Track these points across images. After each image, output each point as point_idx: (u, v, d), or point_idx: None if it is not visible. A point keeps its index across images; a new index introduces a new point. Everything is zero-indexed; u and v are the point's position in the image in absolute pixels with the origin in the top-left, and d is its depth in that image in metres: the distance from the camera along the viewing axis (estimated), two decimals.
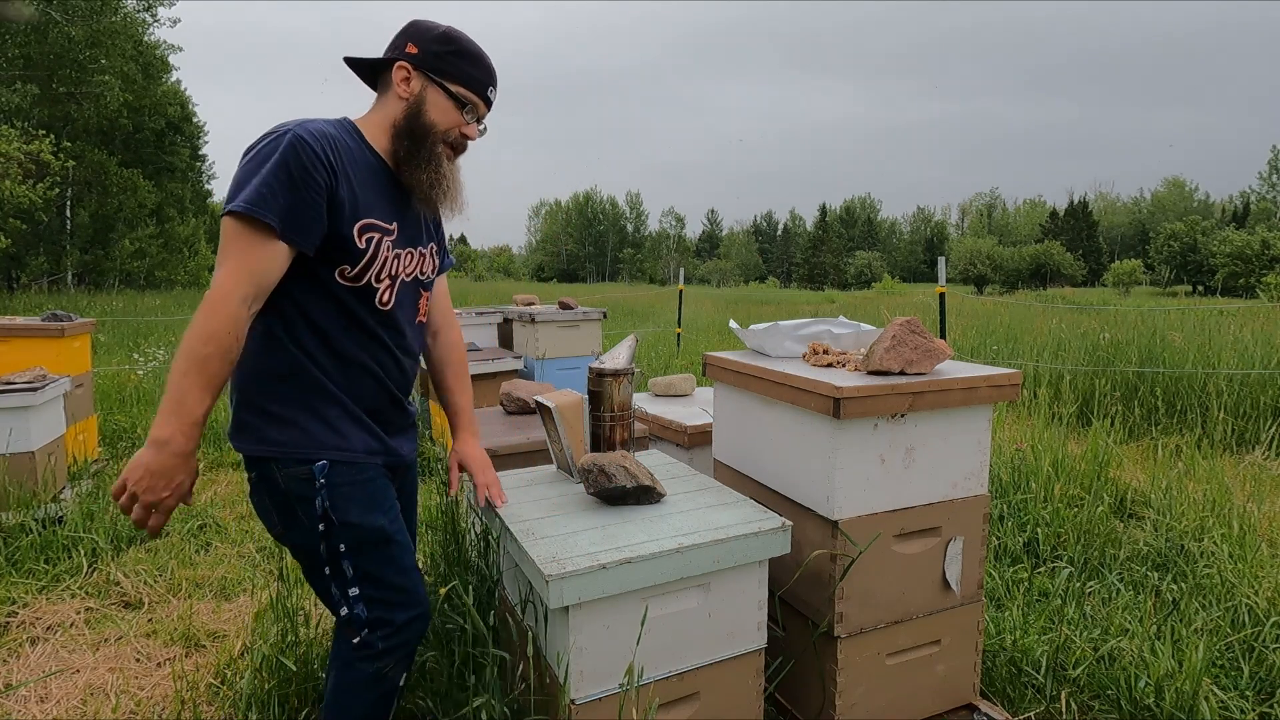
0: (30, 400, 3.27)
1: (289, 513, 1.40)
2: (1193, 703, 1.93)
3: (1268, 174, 64.77)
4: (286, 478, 1.38)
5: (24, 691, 2.20)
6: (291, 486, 1.38)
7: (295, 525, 1.41)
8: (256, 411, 1.39)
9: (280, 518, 1.42)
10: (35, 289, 22.58)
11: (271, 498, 1.41)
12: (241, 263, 1.26)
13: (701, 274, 77.33)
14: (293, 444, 1.38)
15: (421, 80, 1.45)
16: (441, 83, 1.46)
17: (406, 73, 1.45)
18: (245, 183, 1.27)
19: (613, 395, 1.85)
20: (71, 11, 18.32)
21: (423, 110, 1.45)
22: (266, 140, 1.31)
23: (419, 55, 1.45)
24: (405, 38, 1.47)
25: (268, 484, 1.40)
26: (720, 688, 1.53)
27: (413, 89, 1.45)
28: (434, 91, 1.46)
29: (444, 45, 1.46)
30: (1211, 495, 3.34)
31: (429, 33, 1.46)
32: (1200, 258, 51.92)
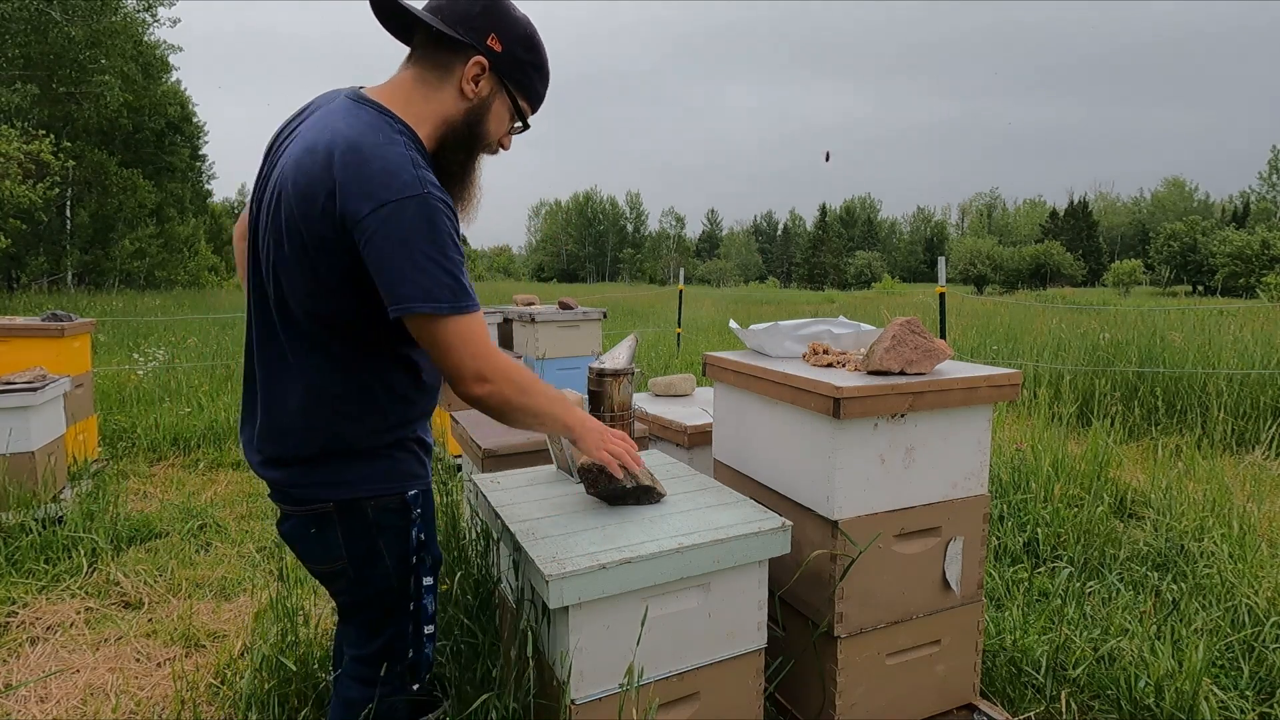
0: (30, 400, 3.27)
1: (368, 546, 1.31)
2: (1193, 703, 1.93)
3: (1268, 174, 64.79)
4: (378, 509, 1.30)
5: (24, 691, 2.20)
6: (382, 518, 1.31)
7: (373, 559, 1.32)
8: (347, 449, 1.28)
9: (356, 551, 1.31)
10: (35, 289, 22.58)
11: (348, 531, 1.30)
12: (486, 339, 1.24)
13: (701, 274, 77.33)
14: (384, 476, 1.31)
15: (492, 84, 1.28)
16: (512, 93, 1.31)
17: (481, 70, 1.25)
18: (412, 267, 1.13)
19: (613, 395, 1.85)
20: (71, 11, 18.32)
21: (485, 118, 1.30)
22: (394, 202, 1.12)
23: (501, 56, 1.26)
24: (489, 23, 1.24)
25: (349, 517, 1.29)
26: (720, 688, 1.53)
27: (481, 91, 1.27)
28: (500, 100, 1.30)
29: (528, 53, 1.29)
30: (1211, 495, 3.34)
31: (515, 29, 1.27)
32: (1200, 258, 51.93)
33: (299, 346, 1.24)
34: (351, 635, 1.41)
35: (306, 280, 1.19)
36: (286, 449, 1.28)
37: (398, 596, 1.37)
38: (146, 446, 4.91)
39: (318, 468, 1.28)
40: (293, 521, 1.33)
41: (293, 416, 1.26)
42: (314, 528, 1.30)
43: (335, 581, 1.36)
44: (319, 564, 1.35)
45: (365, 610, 1.38)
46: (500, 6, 1.27)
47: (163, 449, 4.91)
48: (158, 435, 5.01)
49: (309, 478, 1.29)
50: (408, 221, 1.12)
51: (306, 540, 1.32)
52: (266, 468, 1.31)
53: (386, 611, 1.37)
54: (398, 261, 1.13)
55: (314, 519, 1.30)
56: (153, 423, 5.15)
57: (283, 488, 1.30)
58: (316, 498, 1.28)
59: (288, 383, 1.26)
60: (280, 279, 1.22)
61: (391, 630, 1.38)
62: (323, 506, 1.29)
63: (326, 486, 1.28)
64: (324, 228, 1.15)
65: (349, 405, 1.27)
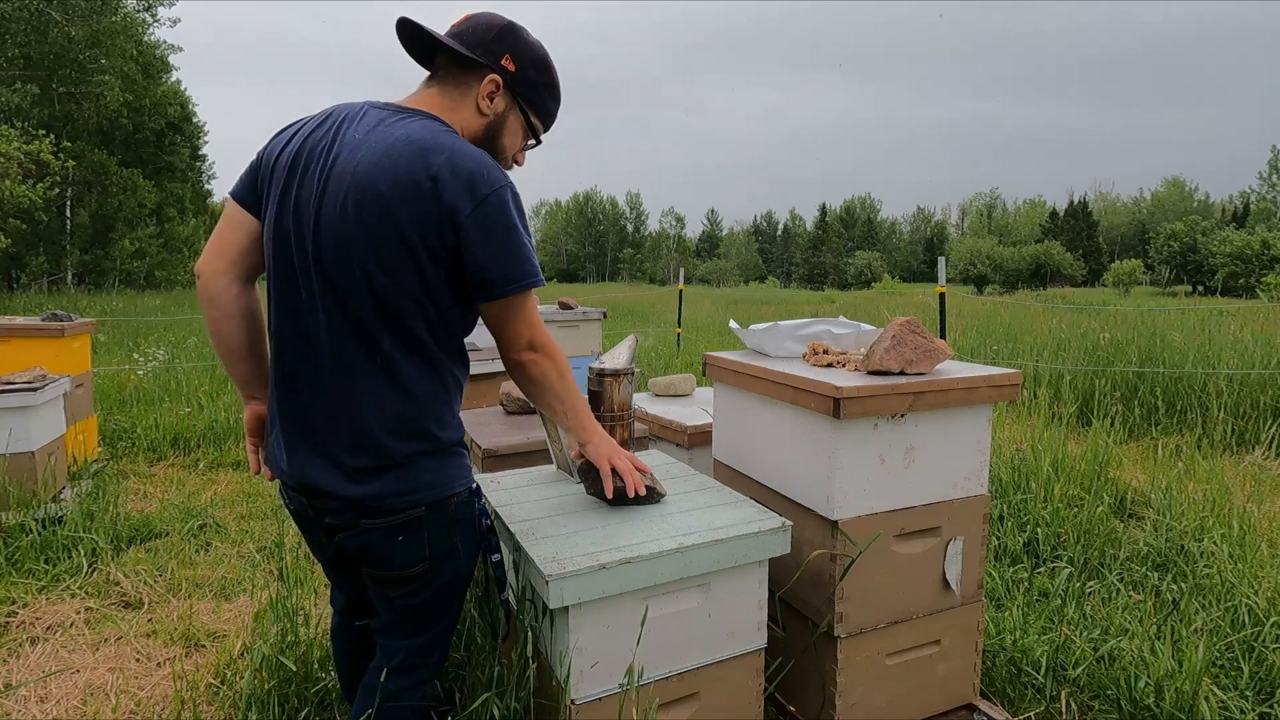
0: (30, 400, 3.27)
1: (448, 542, 1.35)
2: (1193, 703, 1.93)
3: (1268, 174, 64.76)
4: (458, 503, 1.35)
5: (24, 691, 2.20)
6: (460, 511, 1.36)
7: (451, 554, 1.37)
8: (431, 448, 1.31)
9: (439, 549, 1.35)
10: (35, 289, 22.58)
11: (435, 529, 1.33)
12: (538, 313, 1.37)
13: (701, 274, 77.32)
14: (461, 471, 1.37)
15: (507, 101, 1.38)
16: (525, 111, 1.41)
17: (496, 88, 1.36)
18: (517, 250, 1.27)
19: (613, 395, 1.85)
20: (71, 11, 18.32)
21: (501, 134, 1.40)
22: (493, 193, 1.24)
23: (515, 75, 1.37)
24: (504, 46, 1.36)
25: (437, 515, 1.32)
26: (720, 688, 1.53)
27: (496, 107, 1.37)
28: (515, 116, 1.40)
29: (541, 74, 1.40)
30: (1211, 495, 3.34)
31: (528, 52, 1.38)
32: (1200, 258, 51.91)
33: (398, 352, 1.27)
34: (409, 630, 1.41)
35: (414, 280, 1.24)
36: (384, 456, 1.27)
37: (461, 585, 1.43)
38: (146, 446, 4.91)
39: (412, 471, 1.29)
40: (376, 533, 1.30)
41: (383, 423, 1.27)
42: (402, 535, 1.30)
43: (407, 585, 1.35)
44: (400, 569, 1.33)
45: (427, 608, 1.39)
46: (515, 33, 1.38)
47: (163, 449, 4.90)
48: (158, 435, 5.01)
49: (406, 483, 1.29)
50: (508, 209, 1.25)
51: (391, 548, 1.31)
52: (358, 482, 1.28)
53: (445, 604, 1.42)
54: (507, 246, 1.25)
55: (404, 525, 1.30)
56: (153, 423, 5.15)
57: (370, 502, 1.28)
58: (411, 504, 1.29)
59: (381, 390, 1.27)
60: (381, 289, 1.23)
61: (449, 615, 1.44)
62: (415, 511, 1.30)
63: (419, 491, 1.30)
64: (431, 231, 1.21)
65: (437, 404, 1.32)
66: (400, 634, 1.42)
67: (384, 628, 1.44)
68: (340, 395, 1.27)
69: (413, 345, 1.28)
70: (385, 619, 1.42)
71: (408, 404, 1.28)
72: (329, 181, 1.25)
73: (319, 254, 1.25)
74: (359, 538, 1.31)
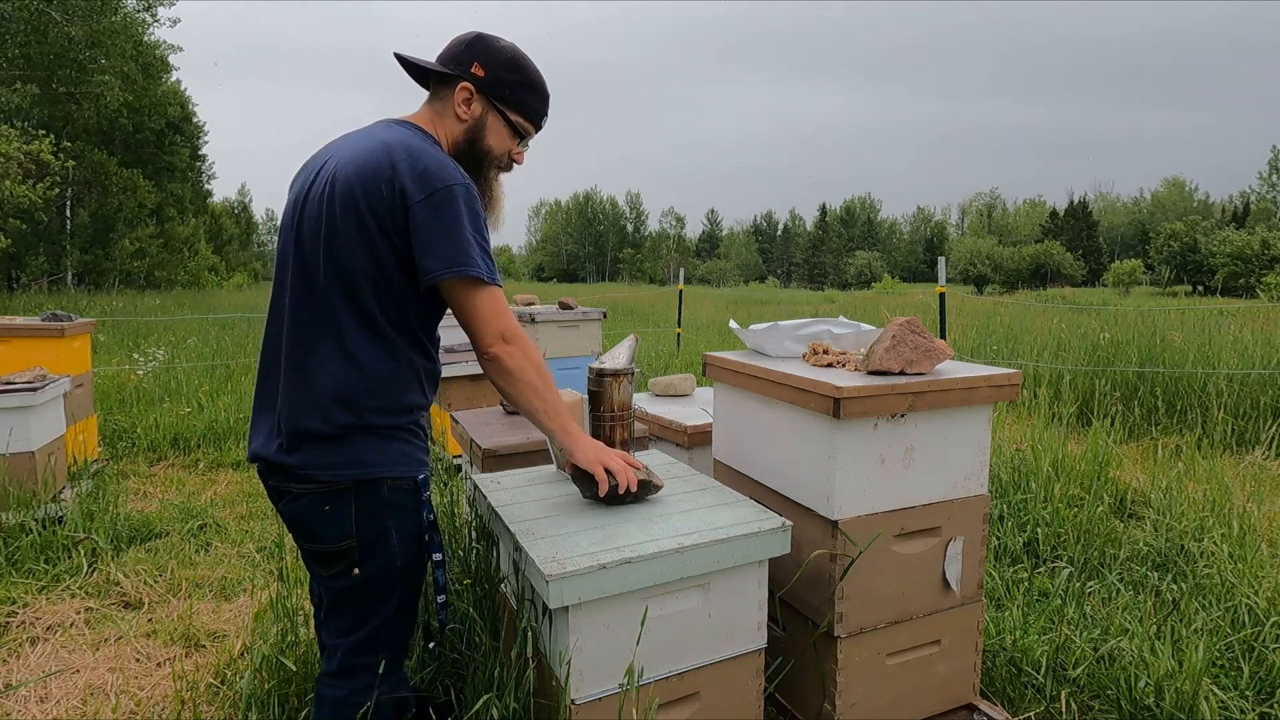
0: (30, 400, 3.27)
1: (379, 526, 1.36)
2: (1193, 703, 1.93)
3: (1268, 174, 64.76)
4: (394, 488, 1.37)
5: (24, 691, 2.20)
6: (396, 498, 1.37)
7: (381, 539, 1.37)
8: (371, 426, 1.35)
9: (366, 530, 1.36)
10: (35, 289, 22.59)
11: (363, 509, 1.35)
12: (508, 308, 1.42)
13: (701, 274, 77.30)
14: (400, 458, 1.38)
15: (483, 105, 1.46)
16: (503, 110, 1.47)
17: (469, 94, 1.44)
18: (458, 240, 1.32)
19: (613, 395, 1.85)
20: (71, 11, 18.30)
21: (482, 135, 1.47)
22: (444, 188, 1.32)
23: (485, 79, 1.44)
24: (471, 55, 1.44)
25: (366, 495, 1.35)
26: (720, 688, 1.53)
27: (473, 112, 1.45)
28: (494, 118, 1.47)
29: (511, 73, 1.46)
30: (1211, 495, 3.34)
31: (497, 56, 1.45)
32: (1200, 258, 51.88)
33: (350, 322, 1.34)
34: (344, 625, 1.42)
35: (366, 254, 1.32)
36: (313, 423, 1.33)
37: (398, 576, 1.41)
38: (146, 446, 4.91)
39: (340, 445, 1.33)
40: (305, 500, 1.35)
41: (326, 390, 1.33)
42: (328, 505, 1.34)
43: (335, 564, 1.38)
44: (326, 543, 1.37)
45: (363, 591, 1.40)
46: (483, 41, 1.46)
47: (163, 449, 4.90)
48: (158, 435, 5.01)
49: (329, 456, 1.33)
50: (457, 204, 1.32)
51: (317, 518, 1.35)
52: (286, 450, 1.34)
53: (385, 590, 1.41)
54: (450, 234, 1.31)
55: (330, 495, 1.34)
56: (153, 423, 5.15)
57: (298, 470, 1.33)
58: (338, 476, 1.33)
59: (329, 358, 1.33)
60: (337, 259, 1.33)
61: (390, 609, 1.42)
62: (340, 484, 1.34)
63: (348, 466, 1.34)
64: (383, 210, 1.31)
65: (386, 384, 1.36)
66: (337, 628, 1.43)
67: (324, 620, 1.48)
68: (297, 367, 1.35)
69: (365, 318, 1.34)
70: (325, 606, 1.45)
71: (354, 375, 1.34)
72: (317, 180, 1.39)
73: (299, 237, 1.37)
74: (291, 504, 1.37)
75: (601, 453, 1.56)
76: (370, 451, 1.35)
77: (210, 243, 32.78)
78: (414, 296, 1.38)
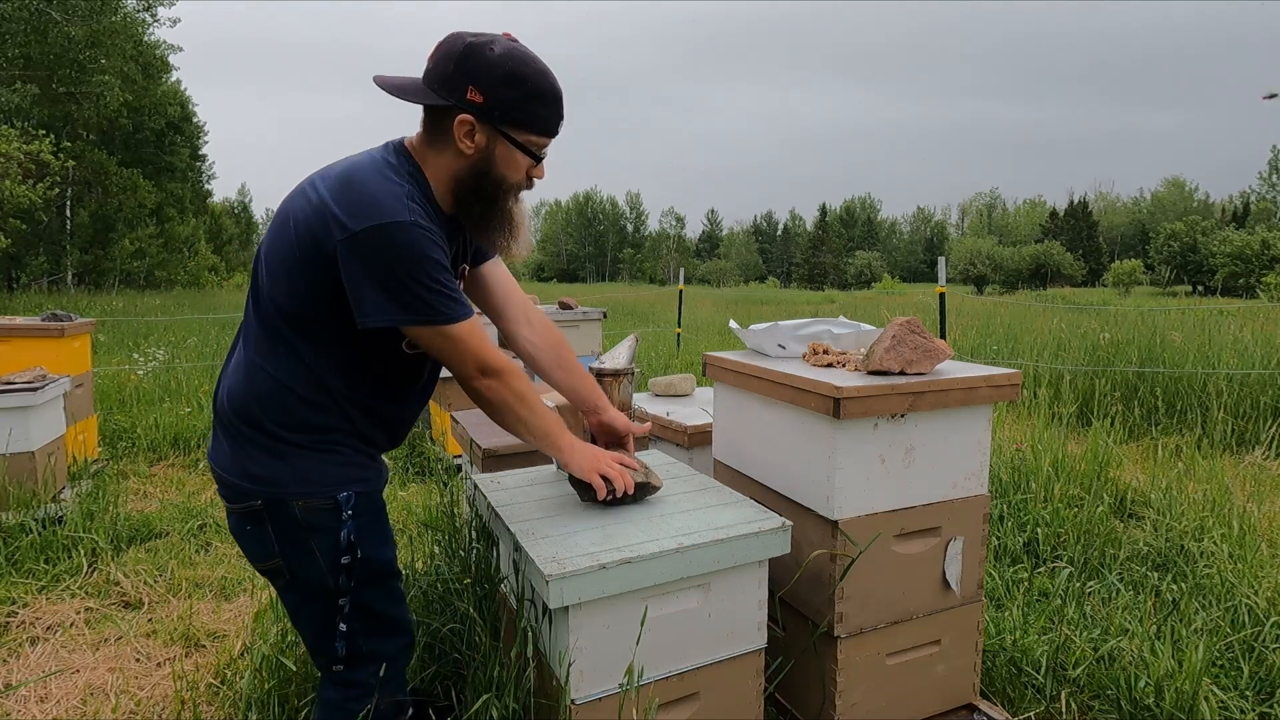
0: (30, 400, 3.27)
1: (299, 546, 1.32)
2: (1193, 703, 1.93)
3: (1268, 174, 64.75)
4: (306, 509, 1.30)
5: (24, 691, 2.20)
6: (311, 519, 1.31)
7: (305, 558, 1.33)
8: (270, 440, 1.30)
9: (288, 550, 1.33)
10: (35, 289, 22.60)
11: (279, 530, 1.32)
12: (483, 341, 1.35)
13: (701, 274, 77.28)
14: (315, 476, 1.31)
15: (488, 133, 1.28)
16: (511, 135, 1.29)
17: (470, 126, 1.27)
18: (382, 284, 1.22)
19: (613, 395, 1.85)
20: (71, 11, 18.30)
21: (492, 168, 1.30)
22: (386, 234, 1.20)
23: (485, 106, 1.25)
24: (465, 78, 1.24)
25: (277, 515, 1.31)
26: (720, 688, 1.53)
27: (478, 143, 1.28)
28: (503, 145, 1.29)
29: (513, 89, 1.25)
30: (1211, 495, 3.34)
31: (493, 72, 1.24)
32: (1200, 258, 51.88)
33: (264, 329, 1.33)
34: (310, 639, 1.43)
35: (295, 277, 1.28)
36: (227, 417, 1.35)
37: (319, 591, 1.37)
38: (146, 446, 4.91)
39: (246, 449, 1.32)
40: (233, 519, 1.37)
41: (238, 387, 1.34)
42: (249, 525, 1.34)
43: (276, 579, 1.39)
44: (258, 562, 1.38)
45: (306, 609, 1.40)
46: (474, 57, 1.25)
47: (163, 449, 4.90)
48: (158, 435, 5.00)
49: (235, 462, 1.33)
50: (382, 246, 1.20)
51: (244, 537, 1.36)
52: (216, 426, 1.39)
53: (327, 613, 1.38)
54: (376, 280, 1.22)
55: (248, 516, 1.33)
56: (153, 423, 5.15)
57: (219, 471, 1.35)
58: (245, 493, 1.32)
59: (246, 355, 1.35)
60: (266, 264, 1.32)
61: (315, 623, 1.40)
62: (253, 504, 1.32)
63: (253, 480, 1.31)
64: (309, 235, 1.25)
65: (283, 394, 1.31)
66: (305, 639, 1.45)
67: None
68: (230, 354, 1.40)
69: (274, 330, 1.31)
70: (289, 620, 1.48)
71: (259, 399, 1.31)
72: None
73: (260, 248, 1.36)
74: (229, 519, 1.38)
75: (595, 460, 1.54)
76: (276, 469, 1.30)
77: (210, 243, 32.77)
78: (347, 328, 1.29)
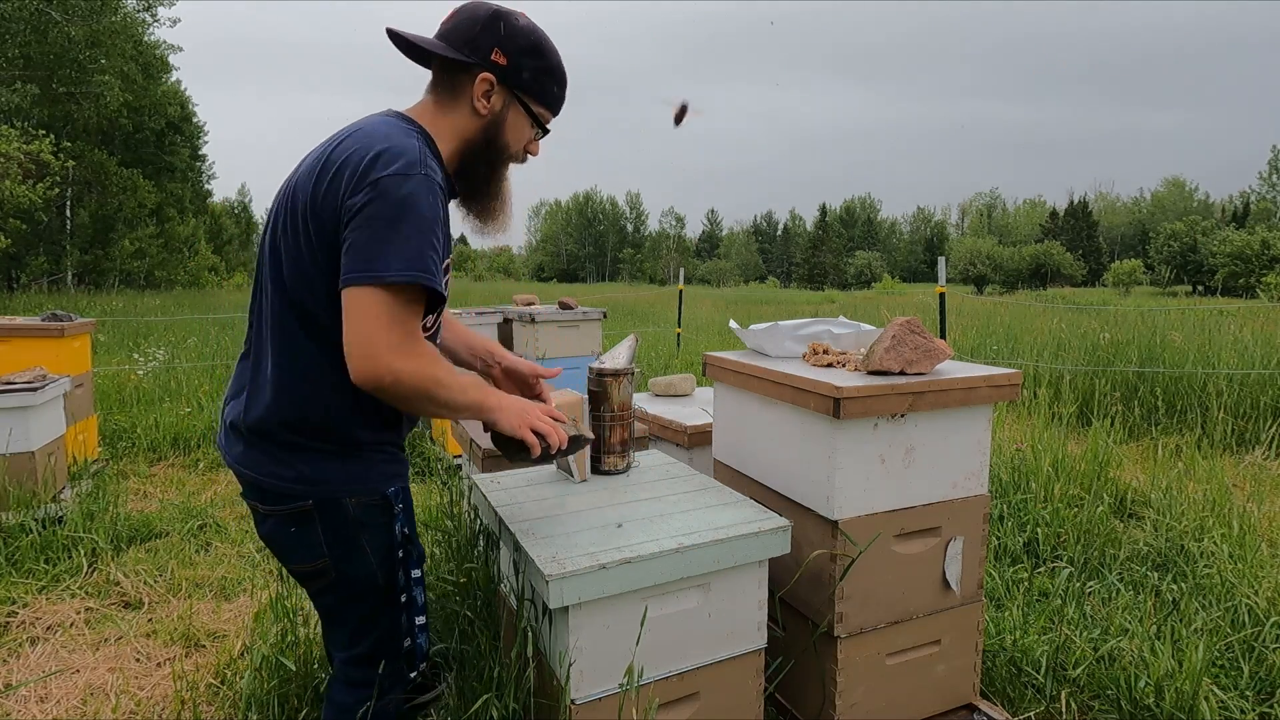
0: (30, 400, 3.27)
1: (350, 543, 1.30)
2: (1193, 703, 1.93)
3: (1268, 174, 64.76)
4: (359, 506, 1.29)
5: (24, 691, 2.20)
6: (363, 515, 1.30)
7: (356, 555, 1.31)
8: (321, 443, 1.27)
9: (338, 548, 1.30)
10: (35, 289, 22.59)
11: (330, 528, 1.29)
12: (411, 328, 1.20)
13: (701, 274, 77.27)
14: (363, 475, 1.31)
15: (504, 97, 1.31)
16: (526, 102, 1.33)
17: (489, 85, 1.29)
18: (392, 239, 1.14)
19: (613, 395, 1.85)
20: (71, 11, 18.30)
21: (501, 130, 1.33)
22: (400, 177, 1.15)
23: (507, 69, 1.28)
24: (492, 39, 1.27)
25: (329, 514, 1.28)
26: (720, 688, 1.53)
27: (493, 105, 1.30)
28: (515, 110, 1.32)
29: (536, 60, 1.31)
30: (1211, 495, 3.34)
31: (519, 39, 1.29)
32: (1200, 258, 51.86)
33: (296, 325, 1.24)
34: (340, 639, 1.40)
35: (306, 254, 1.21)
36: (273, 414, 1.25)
37: (384, 591, 1.36)
38: (146, 446, 4.91)
39: (294, 456, 1.26)
40: (271, 522, 1.31)
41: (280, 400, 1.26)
42: (294, 526, 1.29)
43: (317, 581, 1.34)
44: (301, 564, 1.33)
45: (351, 609, 1.37)
46: (502, 20, 1.28)
47: (163, 449, 4.90)
48: (158, 435, 5.00)
49: (283, 467, 1.26)
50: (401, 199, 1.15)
51: (287, 539, 1.31)
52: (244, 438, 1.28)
53: (374, 609, 1.37)
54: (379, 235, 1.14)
55: (293, 518, 1.28)
56: (153, 423, 5.15)
57: (255, 476, 1.27)
58: (294, 494, 1.27)
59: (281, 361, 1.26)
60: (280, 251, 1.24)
61: (384, 625, 1.38)
62: (301, 505, 1.27)
63: (304, 483, 1.27)
64: (320, 203, 1.19)
65: (326, 395, 1.25)
66: (338, 642, 1.41)
67: (325, 635, 1.45)
68: (255, 368, 1.30)
69: (308, 323, 1.23)
70: (322, 623, 1.42)
71: (301, 404, 1.25)
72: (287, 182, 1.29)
73: (264, 242, 1.30)
74: (263, 525, 1.32)
75: (524, 414, 1.36)
76: (329, 470, 1.28)
77: (210, 243, 32.78)
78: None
